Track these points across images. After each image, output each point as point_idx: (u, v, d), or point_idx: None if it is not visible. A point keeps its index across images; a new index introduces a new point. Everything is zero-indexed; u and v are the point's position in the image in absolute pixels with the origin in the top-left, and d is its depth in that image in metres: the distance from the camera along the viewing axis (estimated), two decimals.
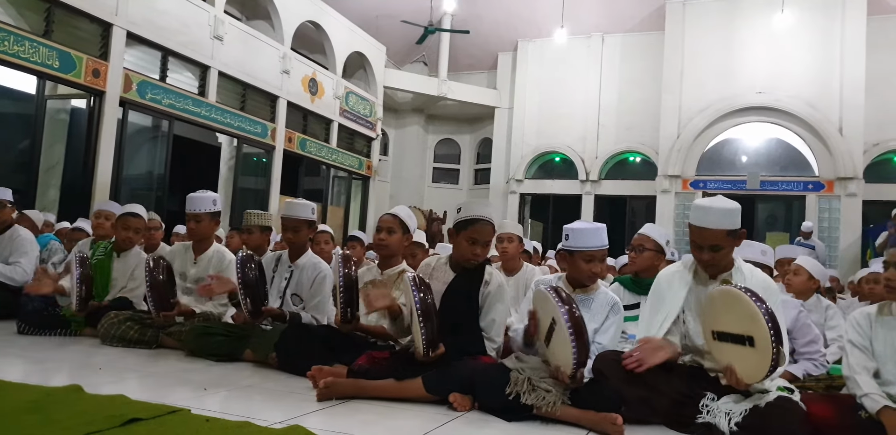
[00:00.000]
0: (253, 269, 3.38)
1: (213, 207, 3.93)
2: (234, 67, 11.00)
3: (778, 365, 2.21)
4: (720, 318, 2.37)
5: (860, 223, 13.17)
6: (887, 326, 2.37)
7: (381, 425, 2.33)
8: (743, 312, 2.24)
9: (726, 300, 2.33)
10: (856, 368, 2.35)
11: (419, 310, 2.57)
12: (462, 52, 17.10)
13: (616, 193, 15.71)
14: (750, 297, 2.24)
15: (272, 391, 2.80)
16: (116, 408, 2.20)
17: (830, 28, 13.45)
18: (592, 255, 2.75)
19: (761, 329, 2.18)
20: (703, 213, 2.52)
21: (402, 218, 3.37)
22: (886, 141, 13.58)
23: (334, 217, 14.29)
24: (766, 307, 2.21)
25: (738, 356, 2.30)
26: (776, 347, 2.15)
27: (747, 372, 2.27)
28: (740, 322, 2.27)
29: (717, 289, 2.42)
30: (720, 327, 2.37)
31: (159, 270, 3.65)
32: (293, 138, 12.68)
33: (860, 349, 2.39)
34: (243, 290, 3.33)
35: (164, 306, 3.65)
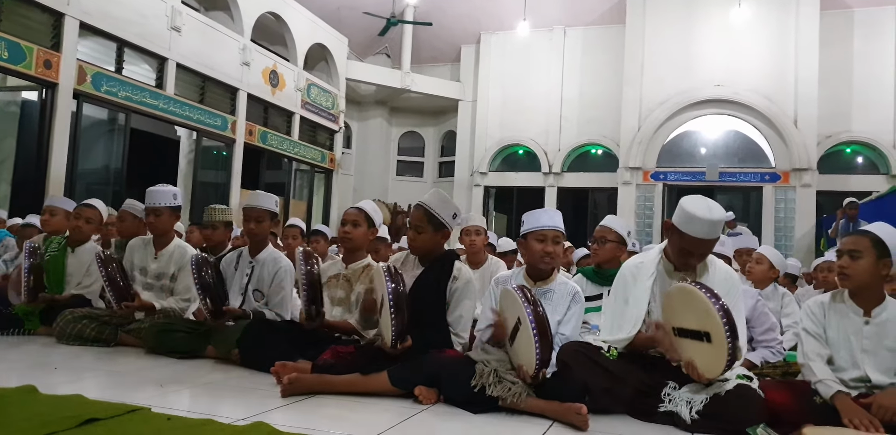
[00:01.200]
0: (209, 271, 3.34)
1: (173, 201, 3.85)
2: (192, 59, 10.76)
3: (735, 359, 2.25)
4: (679, 314, 2.41)
5: (814, 213, 13.56)
6: (840, 313, 2.44)
7: (347, 420, 2.32)
8: (699, 309, 2.29)
9: (683, 297, 2.38)
10: (810, 355, 2.42)
11: (391, 300, 2.56)
12: (425, 44, 17.03)
13: (579, 186, 15.88)
14: (705, 293, 2.27)
15: (235, 388, 2.76)
16: (73, 408, 2.14)
17: (785, 23, 13.76)
18: (544, 234, 2.76)
19: (717, 325, 2.22)
20: (710, 227, 2.49)
21: (368, 212, 3.35)
22: (838, 133, 13.99)
23: (297, 211, 14.14)
24: (721, 303, 2.24)
25: (698, 351, 2.34)
26: (732, 342, 2.19)
27: (707, 367, 2.31)
28: (697, 318, 2.31)
29: (675, 286, 2.46)
30: (679, 323, 2.41)
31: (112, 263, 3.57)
32: (254, 131, 12.49)
33: (814, 337, 2.45)
34: (201, 292, 3.28)
35: (125, 297, 3.58)
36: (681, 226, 2.54)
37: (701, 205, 2.54)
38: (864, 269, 2.34)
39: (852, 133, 13.99)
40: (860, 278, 2.36)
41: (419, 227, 2.93)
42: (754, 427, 2.18)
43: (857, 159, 14.45)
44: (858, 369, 2.36)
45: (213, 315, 3.34)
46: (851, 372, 2.37)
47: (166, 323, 3.51)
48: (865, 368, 2.35)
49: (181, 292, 3.84)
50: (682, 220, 2.54)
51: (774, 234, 13.63)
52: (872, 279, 2.37)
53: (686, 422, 2.34)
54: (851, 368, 2.38)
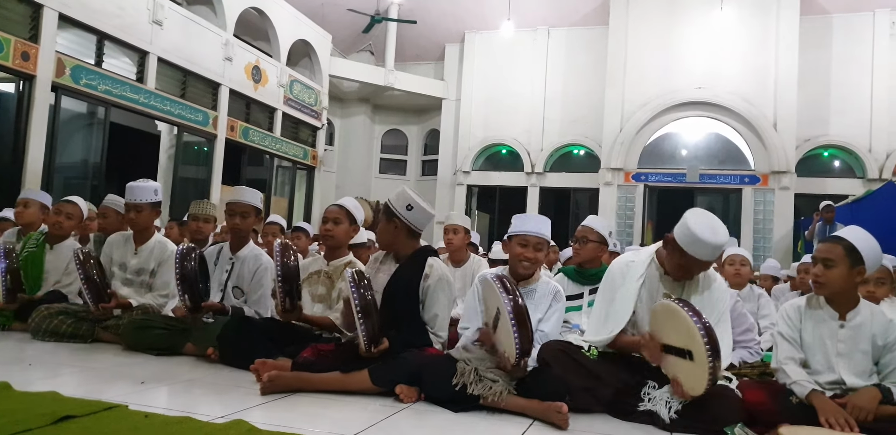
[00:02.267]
0: (192, 262, 3.29)
1: (153, 197, 3.80)
2: (174, 53, 10.64)
3: (716, 379, 2.27)
4: (664, 331, 2.43)
5: (792, 216, 13.74)
6: (815, 318, 2.46)
7: (327, 418, 2.31)
8: (682, 327, 2.30)
9: (667, 315, 2.39)
10: (783, 359, 2.45)
11: (358, 306, 2.55)
12: (409, 42, 17.00)
13: (561, 186, 15.95)
14: (688, 312, 2.29)
15: (214, 385, 2.74)
16: (47, 405, 2.11)
17: (766, 27, 13.92)
18: (527, 239, 2.78)
19: (698, 344, 2.24)
20: (713, 250, 2.48)
21: (349, 209, 3.34)
22: (816, 136, 14.19)
23: (278, 208, 14.05)
24: (704, 322, 2.26)
25: (681, 369, 2.37)
26: (713, 362, 2.21)
27: (690, 384, 2.33)
28: (680, 336, 2.34)
29: (660, 303, 2.47)
30: (665, 340, 2.43)
31: (90, 262, 3.52)
32: (236, 127, 12.39)
33: (788, 341, 2.48)
34: (181, 284, 3.24)
35: (102, 298, 3.53)
36: (683, 245, 2.49)
37: (706, 226, 2.47)
38: (837, 277, 2.35)
39: (830, 137, 14.20)
40: (834, 286, 2.37)
41: (377, 218, 3.04)
42: (731, 426, 2.21)
43: (835, 163, 14.67)
44: (833, 373, 2.39)
45: (191, 308, 3.31)
46: (827, 375, 2.40)
47: (145, 319, 3.46)
48: (840, 371, 2.38)
49: (159, 288, 3.80)
50: (685, 239, 2.48)
51: (753, 235, 13.80)
52: (847, 286, 2.39)
53: (665, 421, 2.36)
54: (827, 372, 2.41)
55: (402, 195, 3.00)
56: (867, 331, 2.37)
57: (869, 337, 2.37)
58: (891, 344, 2.36)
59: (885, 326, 2.37)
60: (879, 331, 2.37)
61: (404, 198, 2.98)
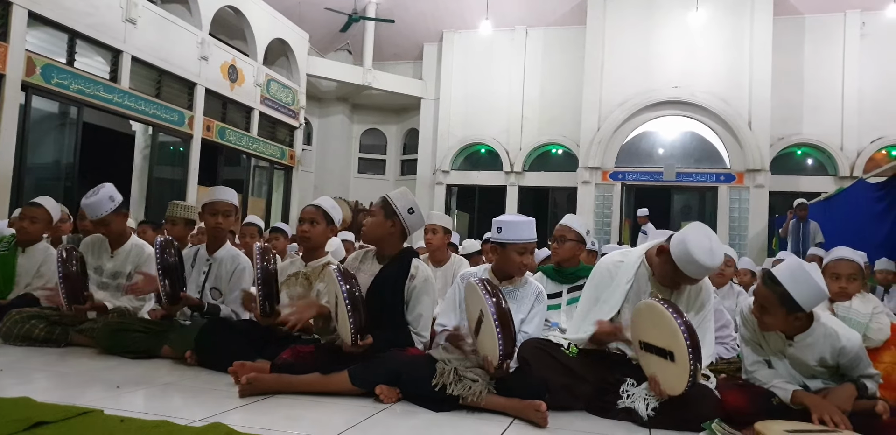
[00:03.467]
0: (172, 254, 3.25)
1: (112, 205, 3.67)
2: (148, 52, 10.51)
3: (696, 380, 2.29)
4: (647, 330, 2.45)
5: (767, 213, 13.94)
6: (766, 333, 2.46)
7: (306, 420, 2.29)
8: (665, 328, 2.32)
9: (651, 314, 2.40)
10: (750, 367, 2.48)
11: (347, 300, 2.54)
12: (387, 41, 16.95)
13: (539, 185, 16.02)
14: (671, 313, 2.30)
15: (192, 388, 2.71)
16: (20, 411, 2.07)
17: (740, 27, 14.10)
18: (525, 247, 2.82)
19: (680, 345, 2.25)
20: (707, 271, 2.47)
21: (326, 209, 3.31)
22: (790, 135, 14.41)
23: (255, 208, 13.94)
24: (685, 322, 2.27)
25: (661, 368, 2.38)
26: (693, 363, 2.22)
27: (669, 384, 2.35)
28: (662, 336, 2.35)
29: (644, 302, 2.47)
30: (646, 339, 2.45)
31: (73, 261, 3.46)
32: (212, 127, 12.26)
33: (751, 346, 2.51)
34: (162, 274, 3.20)
35: (77, 299, 3.46)
36: (677, 262, 2.45)
37: (706, 249, 2.40)
38: (775, 321, 2.31)
39: (803, 135, 14.43)
40: (775, 328, 2.36)
41: (373, 212, 3.00)
42: (709, 422, 2.23)
43: (808, 161, 14.91)
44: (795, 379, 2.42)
45: (170, 300, 3.26)
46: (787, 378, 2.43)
47: (121, 322, 3.41)
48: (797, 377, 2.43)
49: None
50: (681, 257, 2.43)
51: (729, 233, 13.97)
52: (788, 327, 2.34)
53: (643, 418, 2.38)
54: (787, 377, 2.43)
55: (406, 197, 2.99)
56: (815, 351, 2.34)
57: (817, 356, 2.34)
58: (845, 364, 2.34)
59: (836, 351, 2.32)
60: (829, 354, 2.33)
61: (408, 200, 2.98)
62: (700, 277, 2.51)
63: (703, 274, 2.48)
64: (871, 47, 14.11)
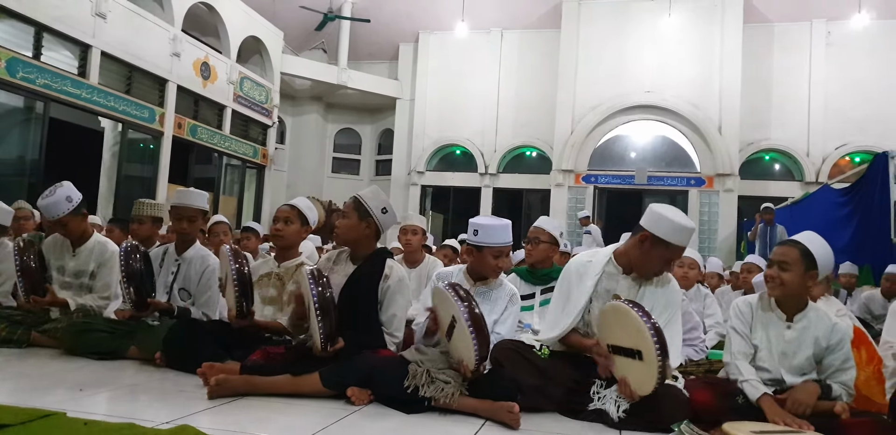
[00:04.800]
0: (138, 260, 3.19)
1: (69, 206, 3.53)
2: (118, 48, 10.31)
3: (665, 378, 2.32)
4: (613, 332, 2.47)
5: (736, 217, 14.17)
6: (765, 316, 2.53)
7: (276, 422, 2.27)
8: (631, 328, 2.34)
9: (617, 315, 2.43)
10: (737, 354, 2.50)
11: (316, 304, 2.52)
12: (363, 40, 16.89)
13: (513, 187, 16.09)
14: (637, 312, 2.33)
15: (159, 390, 2.66)
16: None
17: (711, 33, 14.33)
18: (501, 250, 2.84)
19: (648, 343, 2.28)
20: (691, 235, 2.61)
21: (301, 209, 3.28)
22: (759, 140, 14.68)
23: (227, 207, 13.78)
24: (653, 322, 2.30)
25: (630, 369, 2.40)
26: (662, 361, 2.25)
27: (638, 384, 2.37)
28: (629, 337, 2.37)
29: (609, 304, 2.51)
30: (613, 341, 2.47)
31: (29, 254, 3.37)
32: (183, 124, 12.09)
33: (741, 336, 2.53)
34: (126, 281, 3.14)
35: (36, 292, 3.38)
36: (667, 236, 2.54)
37: (681, 215, 2.60)
38: (791, 280, 2.40)
39: (771, 141, 14.71)
40: (788, 288, 2.43)
41: (346, 213, 2.96)
42: (678, 424, 2.25)
43: (775, 166, 15.20)
44: (775, 371, 2.46)
45: (136, 307, 3.20)
46: (768, 373, 2.47)
47: (85, 322, 3.33)
48: (781, 370, 2.46)
49: (100, 290, 3.65)
50: (669, 230, 2.54)
51: (699, 236, 14.18)
52: (799, 289, 2.45)
53: (613, 419, 2.39)
54: (769, 370, 2.48)
55: (378, 197, 2.97)
56: (811, 333, 2.44)
57: (813, 339, 2.44)
58: (833, 346, 2.43)
59: (829, 329, 2.44)
60: (823, 333, 2.44)
61: (380, 200, 2.96)
62: (688, 242, 2.62)
63: (688, 238, 2.60)
64: (837, 56, 14.45)
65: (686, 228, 2.58)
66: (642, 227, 2.62)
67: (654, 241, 2.58)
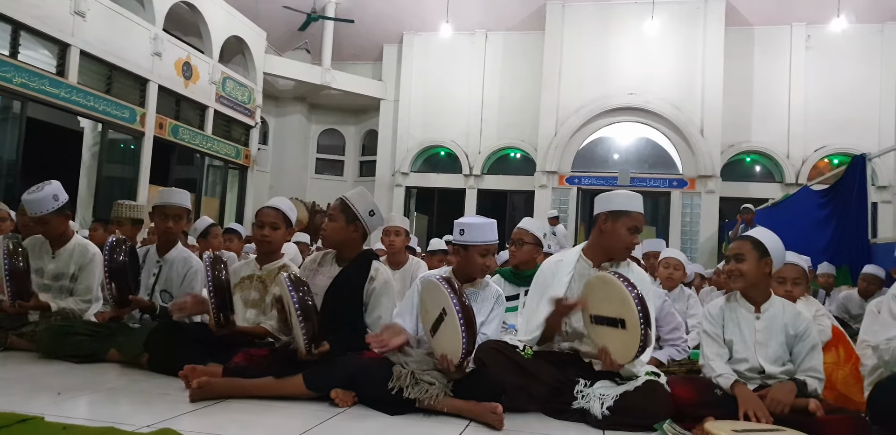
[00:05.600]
0: (123, 254, 3.14)
1: (55, 204, 3.49)
2: (98, 47, 10.19)
3: (646, 346, 2.41)
4: (596, 302, 2.54)
5: (717, 218, 14.30)
6: (735, 311, 2.63)
7: (259, 425, 2.25)
8: (616, 297, 2.42)
9: (602, 285, 2.51)
10: (710, 356, 2.60)
11: (298, 310, 2.50)
12: (346, 41, 16.83)
13: (498, 188, 16.12)
14: (622, 282, 2.42)
15: (141, 393, 2.63)
16: None
17: (694, 36, 14.46)
18: (487, 249, 2.84)
19: (631, 312, 2.35)
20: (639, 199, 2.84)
21: (285, 211, 3.26)
22: (740, 142, 14.83)
23: (209, 208, 13.67)
24: (637, 292, 2.40)
25: (612, 338, 2.47)
26: (644, 328, 2.34)
27: (620, 353, 2.44)
28: (613, 306, 2.44)
29: (595, 275, 2.62)
30: (596, 311, 2.54)
31: (19, 256, 3.30)
32: (164, 124, 11.97)
33: (713, 339, 2.63)
34: (109, 276, 3.10)
35: (23, 296, 3.30)
36: (622, 206, 2.77)
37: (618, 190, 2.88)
38: (749, 269, 2.56)
39: (752, 143, 14.87)
40: (747, 277, 2.57)
41: (332, 215, 2.94)
42: (661, 423, 2.27)
43: (756, 168, 15.37)
44: (753, 361, 2.55)
45: (118, 304, 3.16)
46: (747, 363, 2.55)
47: (65, 325, 3.29)
48: (759, 358, 2.54)
49: (82, 293, 3.60)
50: (620, 200, 2.79)
51: (681, 237, 14.29)
52: (758, 277, 2.58)
53: (597, 418, 2.41)
54: (747, 360, 2.56)
55: (366, 199, 2.96)
56: (780, 321, 2.57)
57: (782, 326, 2.56)
58: (801, 333, 2.55)
59: (795, 317, 2.58)
60: (790, 321, 2.57)
61: (367, 202, 2.95)
62: (640, 207, 2.81)
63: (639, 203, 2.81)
64: (816, 59, 14.63)
65: (632, 194, 2.83)
66: (596, 215, 2.85)
67: (612, 216, 2.77)
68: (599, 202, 2.85)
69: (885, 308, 2.62)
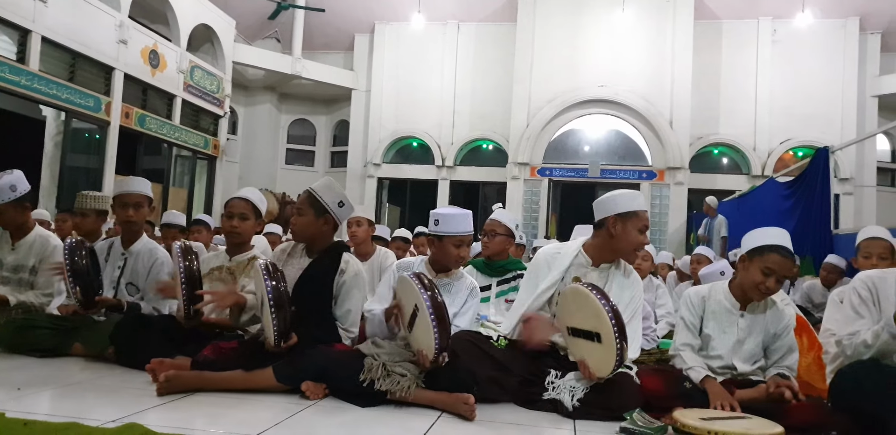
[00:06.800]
0: (83, 256, 3.08)
1: (12, 195, 3.37)
2: (61, 33, 9.92)
3: (623, 360, 2.37)
4: (573, 314, 2.51)
5: (685, 209, 14.51)
6: (718, 307, 2.61)
7: (229, 418, 2.22)
8: (591, 310, 2.39)
9: (576, 298, 2.47)
10: (680, 346, 2.60)
11: (271, 299, 2.46)
12: (317, 30, 16.64)
13: (470, 179, 16.13)
14: (596, 295, 2.38)
15: (106, 388, 2.58)
16: None
17: (663, 29, 14.58)
18: (462, 240, 2.84)
19: (606, 326, 2.32)
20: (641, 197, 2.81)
21: (255, 202, 3.21)
22: (708, 135, 15.05)
23: (177, 199, 13.45)
24: (612, 305, 2.36)
25: (589, 351, 2.44)
26: (620, 343, 2.30)
27: (597, 366, 2.41)
28: (588, 319, 2.41)
29: (569, 287, 2.56)
30: (573, 323, 2.51)
31: None
32: (131, 114, 11.72)
33: (689, 328, 2.62)
34: (72, 279, 3.03)
35: None
36: (629, 207, 2.70)
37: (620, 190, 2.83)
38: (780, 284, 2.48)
39: (719, 135, 15.09)
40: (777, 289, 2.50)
41: (301, 209, 2.88)
42: (630, 412, 2.29)
43: (723, 160, 15.61)
44: (728, 359, 2.55)
45: (84, 305, 3.09)
46: (721, 361, 2.56)
47: (26, 319, 3.20)
48: (734, 357, 2.55)
49: (43, 286, 3.51)
50: (626, 202, 2.72)
51: (650, 228, 14.44)
52: None
53: (568, 409, 2.43)
54: (722, 358, 2.57)
55: (333, 190, 2.90)
56: (762, 320, 2.56)
57: (763, 326, 2.55)
58: (780, 331, 2.55)
59: (777, 315, 2.57)
60: (772, 319, 2.56)
61: (335, 193, 2.89)
62: (645, 205, 2.78)
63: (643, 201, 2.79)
64: (782, 53, 14.88)
65: (636, 193, 2.79)
66: (603, 219, 2.73)
67: (622, 218, 2.69)
68: (604, 205, 2.75)
69: (847, 300, 2.57)
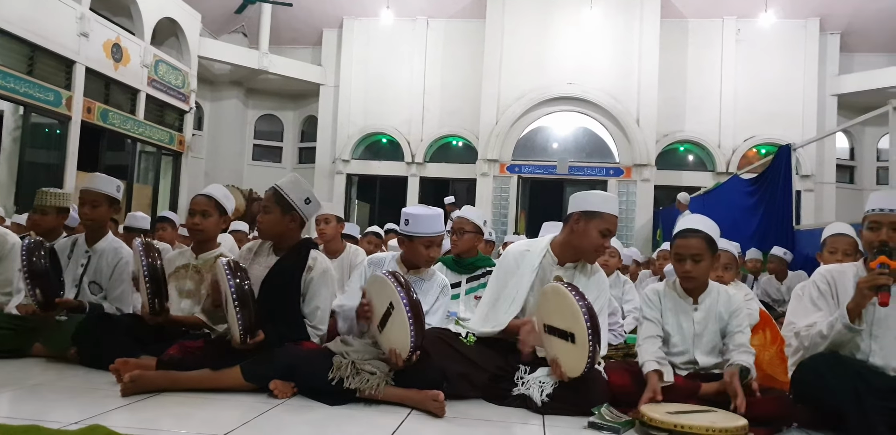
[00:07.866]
0: (42, 256, 3.00)
1: None
2: (18, 25, 9.63)
3: (594, 362, 2.40)
4: (551, 313, 2.53)
5: (652, 206, 14.71)
6: (673, 301, 2.66)
7: (196, 418, 2.19)
8: (567, 310, 2.41)
9: (555, 297, 2.50)
10: (642, 339, 2.63)
11: (235, 297, 2.44)
12: (285, 25, 16.43)
13: (440, 176, 16.11)
14: (574, 295, 2.41)
15: (68, 389, 2.53)
16: None
17: (630, 27, 14.73)
18: (431, 240, 2.85)
19: (581, 327, 2.35)
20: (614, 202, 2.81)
21: (218, 199, 3.17)
22: (674, 132, 15.27)
23: (141, 196, 13.19)
24: (587, 304, 2.38)
25: (562, 350, 2.47)
26: (593, 345, 2.33)
27: (569, 365, 2.44)
28: (565, 319, 2.43)
29: (549, 285, 2.58)
30: (549, 321, 2.53)
31: None
32: (93, 108, 11.44)
33: (652, 321, 2.66)
34: (30, 281, 2.95)
35: None
36: (596, 207, 2.71)
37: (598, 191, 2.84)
38: (705, 269, 2.58)
39: (685, 133, 15.32)
40: (703, 278, 2.60)
41: (267, 207, 2.86)
42: (598, 407, 2.32)
43: (689, 157, 15.85)
44: (689, 354, 2.60)
45: (43, 307, 3.02)
46: (683, 356, 2.60)
47: None
48: (696, 351, 2.59)
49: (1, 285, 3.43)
50: (596, 201, 2.73)
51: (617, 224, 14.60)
52: (708, 274, 2.62)
53: (537, 404, 2.45)
54: (683, 352, 2.61)
55: (300, 187, 2.88)
56: (715, 309, 2.61)
57: (717, 314, 2.60)
58: (733, 311, 2.61)
59: (728, 300, 2.63)
60: (724, 306, 2.62)
61: (302, 190, 2.87)
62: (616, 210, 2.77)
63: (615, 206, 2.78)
64: (746, 52, 15.16)
65: (610, 196, 2.79)
66: (569, 214, 2.76)
67: (586, 216, 2.71)
68: (574, 201, 2.78)
69: (807, 293, 2.64)
